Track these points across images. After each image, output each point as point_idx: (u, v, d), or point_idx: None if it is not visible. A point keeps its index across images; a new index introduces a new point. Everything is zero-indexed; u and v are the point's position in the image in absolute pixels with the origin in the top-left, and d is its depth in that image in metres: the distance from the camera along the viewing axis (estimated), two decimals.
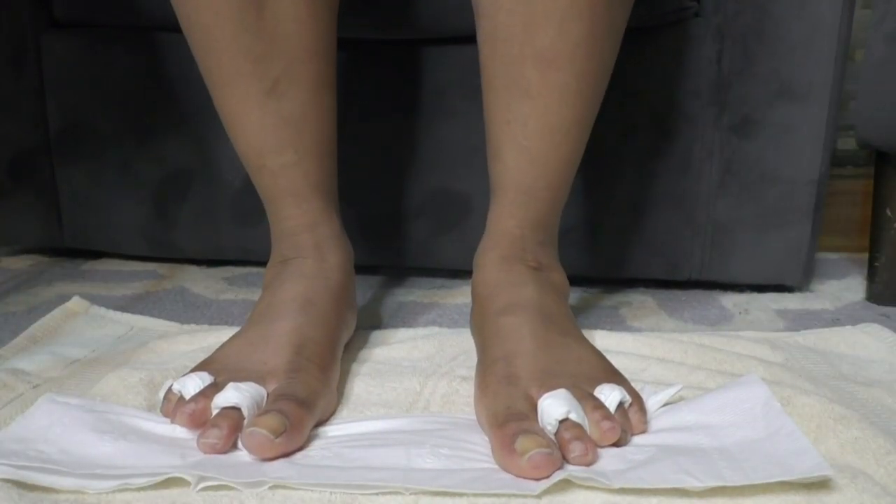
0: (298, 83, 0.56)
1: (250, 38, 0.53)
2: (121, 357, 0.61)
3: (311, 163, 0.58)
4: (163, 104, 0.86)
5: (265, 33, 0.53)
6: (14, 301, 0.78)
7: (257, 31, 0.53)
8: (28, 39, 0.87)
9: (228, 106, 0.56)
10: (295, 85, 0.56)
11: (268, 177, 0.59)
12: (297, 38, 0.55)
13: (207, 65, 0.55)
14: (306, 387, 0.48)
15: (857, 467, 0.42)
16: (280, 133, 0.57)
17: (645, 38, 0.75)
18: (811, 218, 0.76)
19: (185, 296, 0.81)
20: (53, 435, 0.44)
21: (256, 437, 0.43)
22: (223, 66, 0.54)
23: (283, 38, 0.54)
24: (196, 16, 0.53)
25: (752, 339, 0.63)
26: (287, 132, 0.57)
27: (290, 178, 0.58)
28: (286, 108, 0.56)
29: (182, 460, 0.43)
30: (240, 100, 0.56)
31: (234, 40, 0.53)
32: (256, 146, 0.57)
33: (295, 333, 0.53)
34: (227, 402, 0.46)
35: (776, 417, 0.45)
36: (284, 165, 0.58)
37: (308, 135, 0.58)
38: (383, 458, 0.44)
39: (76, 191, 0.91)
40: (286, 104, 0.56)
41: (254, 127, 0.56)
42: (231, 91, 0.55)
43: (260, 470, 0.42)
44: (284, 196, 0.59)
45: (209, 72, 0.56)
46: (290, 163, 0.58)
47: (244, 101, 0.56)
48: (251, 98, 0.55)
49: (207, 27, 0.53)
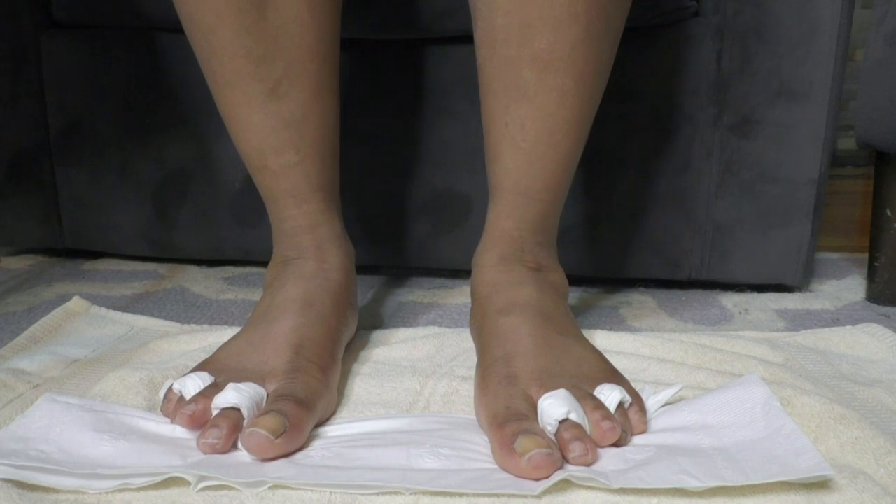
0: (300, 84, 0.56)
1: (252, 40, 0.53)
2: (121, 357, 0.61)
3: (312, 164, 0.59)
4: (163, 104, 0.86)
5: (267, 35, 0.53)
6: (14, 301, 0.78)
7: (259, 32, 0.53)
8: (28, 40, 0.87)
9: (230, 107, 0.57)
10: (296, 86, 0.56)
11: (269, 177, 0.59)
12: (299, 39, 0.55)
13: (210, 66, 0.56)
14: (306, 387, 0.48)
15: (857, 467, 0.42)
16: (281, 134, 0.57)
17: (645, 38, 0.75)
18: (811, 218, 0.76)
19: (186, 296, 0.81)
20: (54, 434, 0.44)
21: (256, 437, 0.43)
22: (225, 67, 0.55)
23: (284, 39, 0.54)
24: (198, 17, 0.53)
25: (752, 339, 0.63)
26: (288, 133, 0.57)
27: (291, 179, 0.59)
28: (288, 109, 0.56)
29: (182, 460, 0.43)
30: (241, 101, 0.56)
31: (235, 41, 0.53)
32: (258, 147, 0.57)
33: (295, 334, 0.53)
34: (227, 403, 0.46)
35: (776, 417, 0.45)
36: (286, 166, 0.58)
37: (309, 136, 0.58)
38: (383, 458, 0.44)
39: (76, 191, 0.91)
40: (288, 105, 0.56)
41: (255, 128, 0.57)
42: (233, 92, 0.56)
43: (260, 470, 0.42)
44: (286, 197, 0.59)
45: (212, 73, 0.56)
46: (292, 163, 0.58)
47: (246, 102, 0.56)
48: (253, 99, 0.55)
49: (209, 28, 0.53)
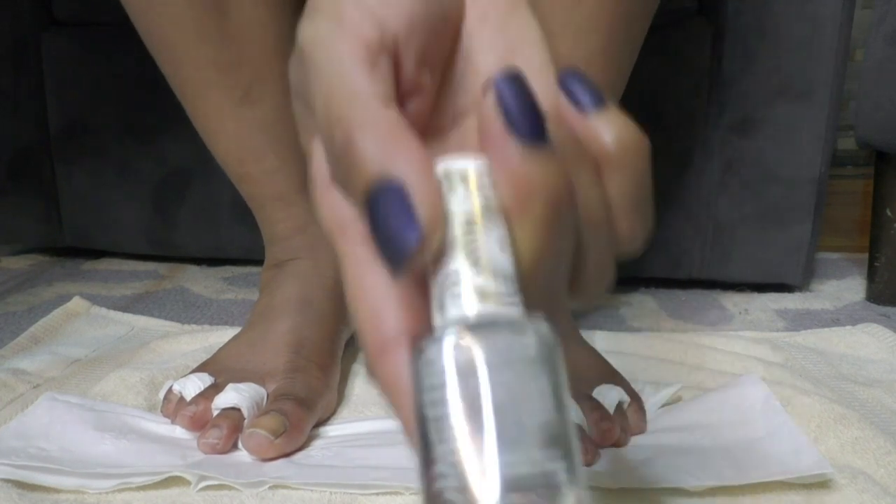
0: (271, 87, 0.55)
1: (215, 48, 0.52)
2: (121, 357, 0.61)
3: (293, 165, 0.57)
4: (163, 103, 0.85)
5: (230, 41, 0.52)
6: (14, 301, 0.78)
7: (221, 39, 0.52)
8: (28, 38, 0.87)
9: (203, 118, 0.56)
10: (267, 90, 0.55)
11: (252, 184, 0.58)
12: (263, 41, 0.53)
13: (176, 80, 0.54)
14: (306, 386, 0.48)
15: (856, 467, 0.42)
16: (258, 139, 0.56)
17: (645, 37, 0.75)
18: (811, 217, 0.76)
19: (186, 296, 0.81)
20: (54, 433, 0.44)
21: (256, 437, 0.43)
22: (193, 78, 0.53)
23: (248, 43, 0.53)
24: (157, 30, 0.52)
25: (752, 339, 0.63)
26: (265, 138, 0.56)
27: (274, 184, 0.57)
28: (261, 115, 0.55)
29: (182, 460, 0.43)
30: (214, 111, 0.55)
31: (198, 52, 0.52)
32: (236, 155, 0.57)
33: (293, 333, 0.53)
34: (228, 403, 0.46)
35: (776, 417, 0.45)
36: (267, 171, 0.57)
37: (287, 138, 0.56)
38: (383, 457, 0.44)
39: (76, 190, 0.91)
40: (261, 110, 0.55)
41: (231, 136, 0.56)
42: (203, 103, 0.55)
43: (260, 470, 0.42)
44: (271, 202, 0.58)
45: (180, 86, 0.55)
46: (273, 168, 0.57)
47: (218, 112, 0.55)
48: (224, 108, 0.54)
49: (171, 41, 0.52)
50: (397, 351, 0.21)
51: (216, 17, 0.51)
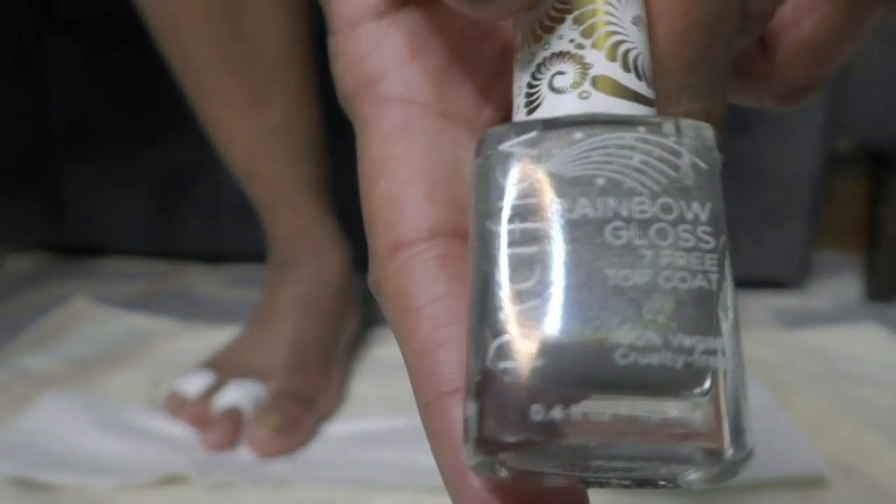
0: (282, 89, 0.55)
1: (230, 50, 0.53)
2: (124, 356, 0.61)
3: (301, 167, 0.58)
4: (167, 102, 0.85)
5: (244, 42, 0.53)
6: (17, 300, 0.79)
7: (236, 40, 0.52)
8: (32, 39, 0.87)
9: (214, 118, 0.56)
10: (279, 91, 0.55)
11: (260, 185, 0.58)
12: (277, 43, 0.54)
13: (189, 79, 0.55)
14: (307, 385, 0.49)
15: (853, 466, 0.42)
16: (268, 140, 0.56)
17: None
18: (809, 216, 0.77)
19: (189, 295, 0.81)
20: (57, 432, 0.45)
21: (258, 435, 0.44)
22: (205, 78, 0.54)
23: (262, 44, 0.53)
24: (172, 32, 0.53)
25: (751, 339, 0.64)
26: (275, 139, 0.56)
27: (282, 185, 0.58)
28: (272, 115, 0.56)
29: (185, 458, 0.44)
30: (226, 111, 0.55)
31: (213, 53, 0.52)
32: (246, 155, 0.57)
33: (295, 333, 0.53)
34: (230, 402, 0.46)
35: (773, 416, 0.45)
36: (275, 173, 0.57)
37: (296, 139, 0.57)
38: (384, 455, 0.44)
39: (81, 189, 0.91)
40: (272, 112, 0.55)
41: (241, 136, 0.56)
42: (215, 103, 0.55)
43: (262, 468, 0.43)
44: (278, 202, 0.59)
45: (192, 85, 0.55)
46: (281, 170, 0.57)
47: (230, 112, 0.55)
48: (236, 108, 0.55)
49: (185, 41, 0.53)
50: (414, 249, 0.16)
51: (231, 18, 0.52)
